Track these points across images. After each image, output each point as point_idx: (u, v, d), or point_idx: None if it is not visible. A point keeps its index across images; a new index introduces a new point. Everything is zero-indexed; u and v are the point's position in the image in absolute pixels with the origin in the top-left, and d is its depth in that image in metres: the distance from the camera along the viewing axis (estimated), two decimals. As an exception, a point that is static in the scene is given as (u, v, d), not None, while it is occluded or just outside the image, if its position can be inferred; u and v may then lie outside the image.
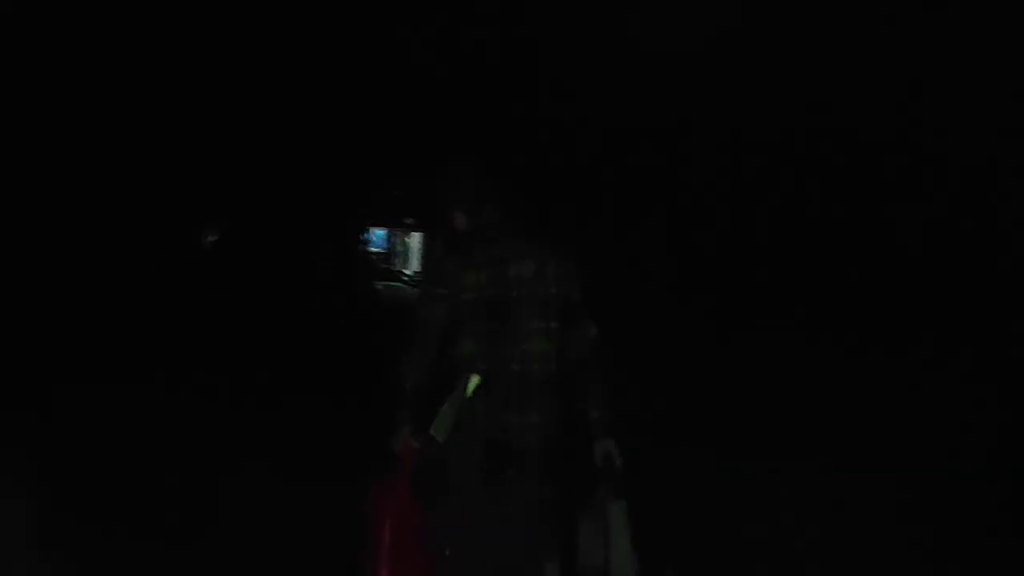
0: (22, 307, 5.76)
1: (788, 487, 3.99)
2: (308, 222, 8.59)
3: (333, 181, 8.31)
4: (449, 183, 2.39)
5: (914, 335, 5.60)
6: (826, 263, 6.10)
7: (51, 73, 5.65)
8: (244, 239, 8.55)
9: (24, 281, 5.88)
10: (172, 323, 6.70)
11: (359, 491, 2.35)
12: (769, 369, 5.58)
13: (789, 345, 5.71)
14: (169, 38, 6.21)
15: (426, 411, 2.25)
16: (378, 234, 8.11)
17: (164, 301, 6.93)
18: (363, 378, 4.32)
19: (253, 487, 3.97)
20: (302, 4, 6.59)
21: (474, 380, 2.20)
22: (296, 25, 6.65)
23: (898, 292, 5.86)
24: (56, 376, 5.18)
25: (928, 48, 5.17)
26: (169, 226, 7.62)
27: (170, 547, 3.33)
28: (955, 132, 5.21)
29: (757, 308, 6.12)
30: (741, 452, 4.51)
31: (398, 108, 7.37)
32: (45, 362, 5.35)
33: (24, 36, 5.30)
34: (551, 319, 2.24)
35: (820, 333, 5.74)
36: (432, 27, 6.49)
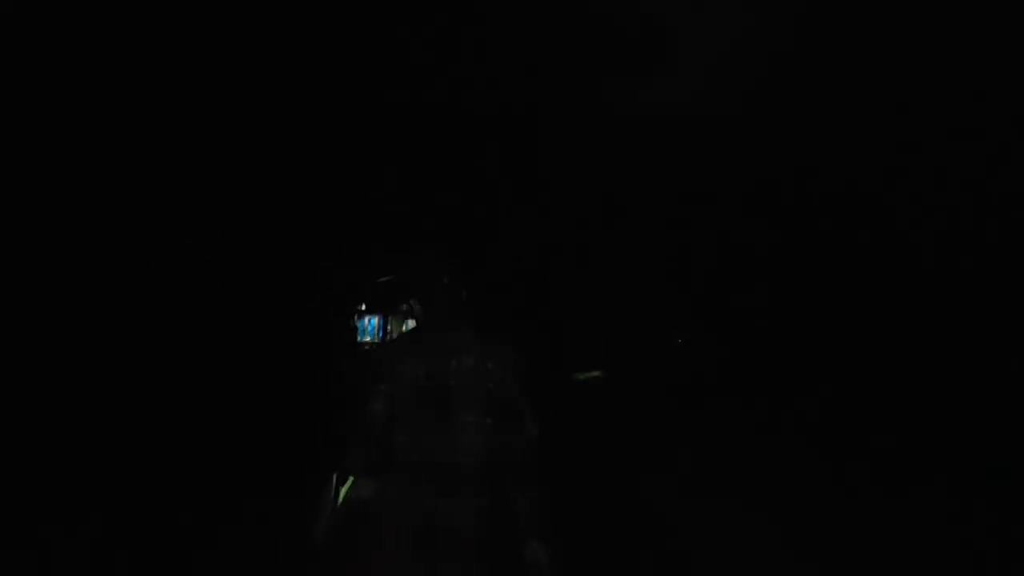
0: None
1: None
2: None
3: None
4: (410, 271, 2.45)
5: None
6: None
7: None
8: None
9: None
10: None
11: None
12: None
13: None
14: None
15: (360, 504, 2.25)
16: (371, 322, 8.03)
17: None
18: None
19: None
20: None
21: (348, 483, 2.23)
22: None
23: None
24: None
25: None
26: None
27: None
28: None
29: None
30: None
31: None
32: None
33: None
34: (488, 414, 2.27)
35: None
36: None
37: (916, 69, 5.74)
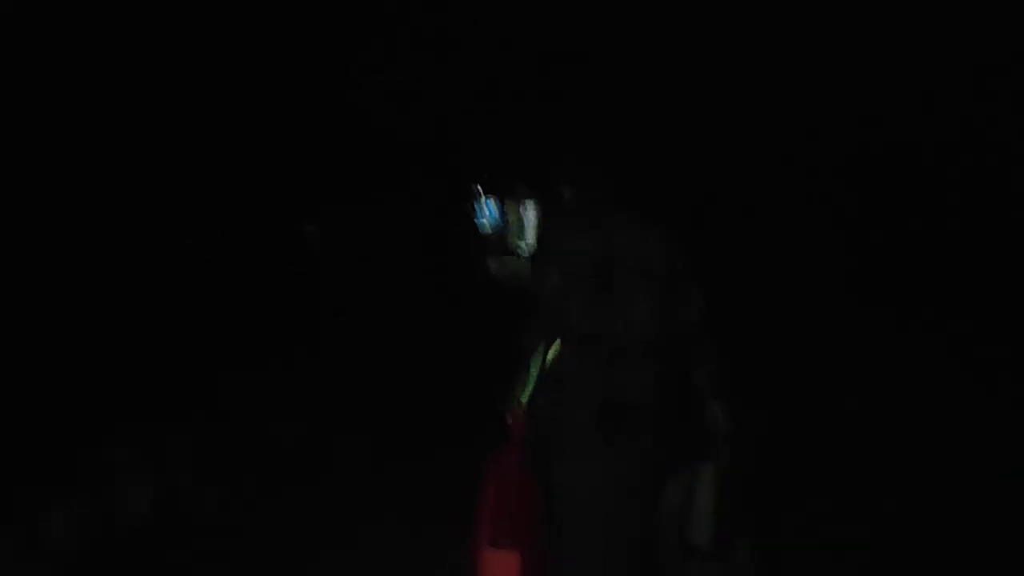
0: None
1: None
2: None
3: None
4: (557, 156, 2.52)
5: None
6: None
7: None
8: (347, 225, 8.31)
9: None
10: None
11: (476, 459, 2.46)
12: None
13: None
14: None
15: (542, 379, 2.36)
16: (490, 206, 7.86)
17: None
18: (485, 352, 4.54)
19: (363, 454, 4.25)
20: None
21: (554, 347, 2.31)
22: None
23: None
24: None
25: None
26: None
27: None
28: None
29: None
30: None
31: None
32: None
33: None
34: (656, 285, 2.29)
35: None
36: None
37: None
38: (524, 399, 2.36)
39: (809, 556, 3.33)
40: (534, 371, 2.35)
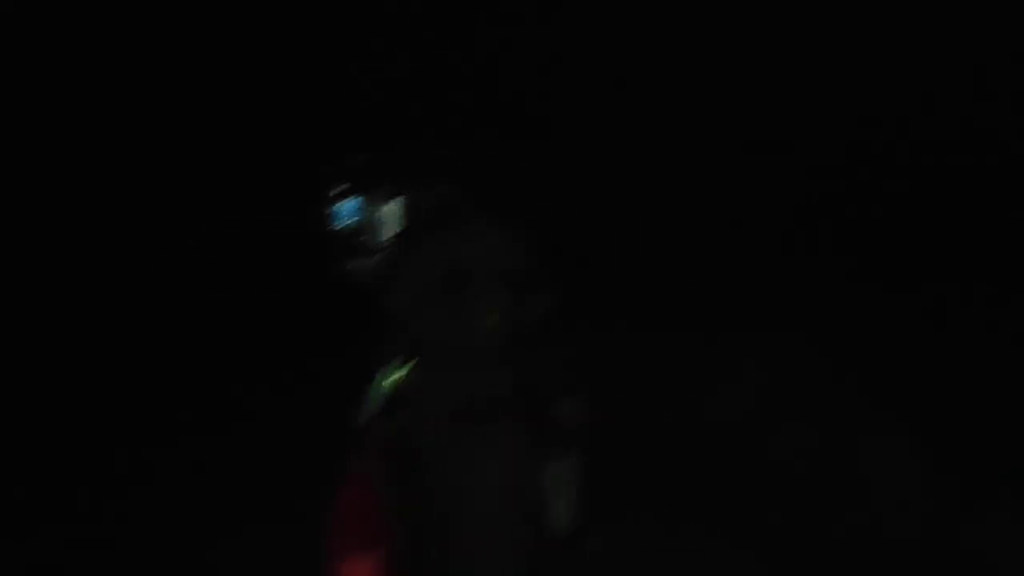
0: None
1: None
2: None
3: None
4: (410, 157, 2.54)
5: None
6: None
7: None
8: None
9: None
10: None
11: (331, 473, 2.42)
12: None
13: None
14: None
15: (396, 390, 2.34)
16: (348, 205, 7.55)
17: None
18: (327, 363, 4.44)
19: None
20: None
21: (406, 357, 2.31)
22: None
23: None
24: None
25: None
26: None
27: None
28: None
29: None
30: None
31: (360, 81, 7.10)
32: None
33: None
34: (509, 289, 2.32)
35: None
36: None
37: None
38: (378, 410, 2.36)
39: (665, 545, 3.42)
40: (386, 382, 2.35)
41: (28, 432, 4.52)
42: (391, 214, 2.43)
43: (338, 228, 2.47)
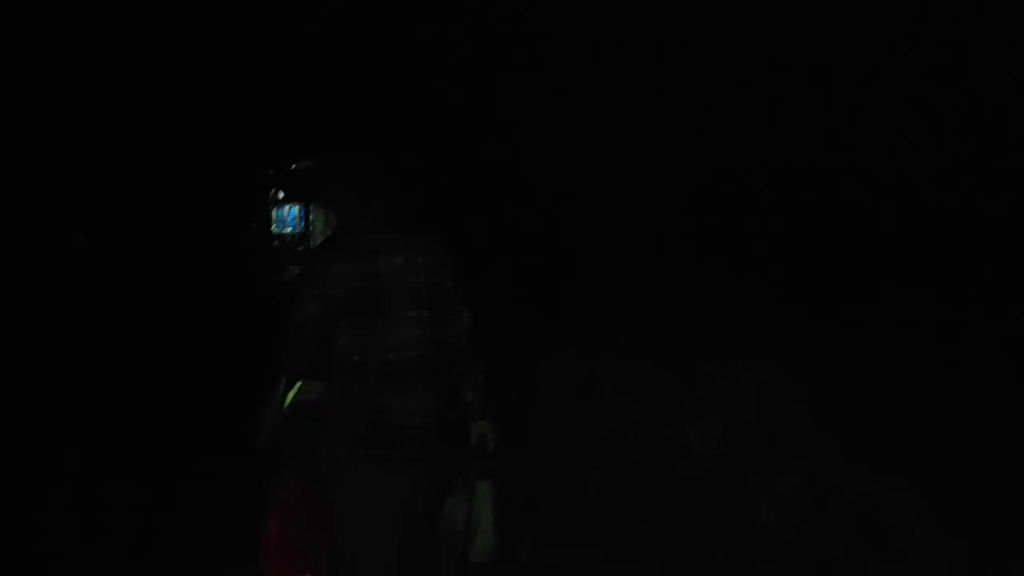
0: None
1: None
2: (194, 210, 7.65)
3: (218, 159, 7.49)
4: (330, 171, 2.48)
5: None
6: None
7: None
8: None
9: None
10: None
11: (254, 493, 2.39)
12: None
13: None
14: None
15: (307, 408, 2.28)
16: (291, 212, 7.50)
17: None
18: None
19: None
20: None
21: (296, 387, 2.26)
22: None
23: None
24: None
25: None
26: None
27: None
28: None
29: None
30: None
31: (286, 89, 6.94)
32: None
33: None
34: (423, 307, 2.29)
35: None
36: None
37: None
38: (286, 429, 2.29)
39: (590, 566, 3.33)
40: (294, 398, 2.28)
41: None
42: (323, 223, 2.43)
43: (276, 235, 2.38)
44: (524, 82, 5.70)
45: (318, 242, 2.45)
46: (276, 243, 8.23)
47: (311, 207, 2.46)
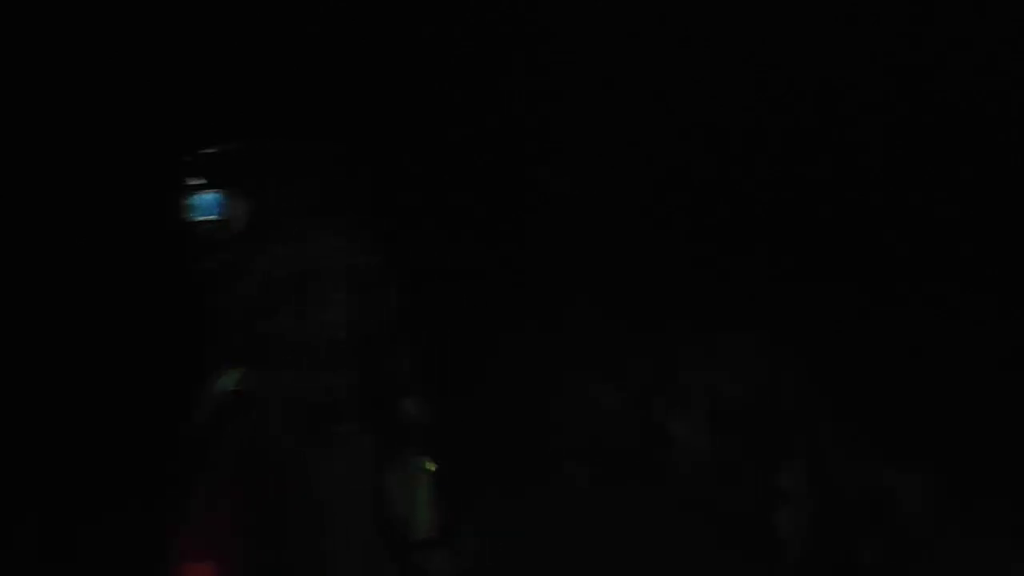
0: None
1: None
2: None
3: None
4: (249, 155, 2.44)
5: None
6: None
7: None
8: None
9: None
10: None
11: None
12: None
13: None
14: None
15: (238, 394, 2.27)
16: (205, 199, 7.04)
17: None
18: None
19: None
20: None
21: (232, 375, 2.25)
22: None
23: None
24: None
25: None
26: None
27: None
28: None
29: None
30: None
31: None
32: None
33: None
34: (352, 289, 2.31)
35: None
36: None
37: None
38: (219, 413, 2.30)
39: (536, 539, 3.37)
40: (227, 384, 2.28)
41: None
42: (244, 209, 2.35)
43: (195, 222, 2.36)
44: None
45: (239, 229, 2.39)
46: (195, 231, 7.77)
47: (230, 193, 2.38)
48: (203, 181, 2.33)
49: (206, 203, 2.31)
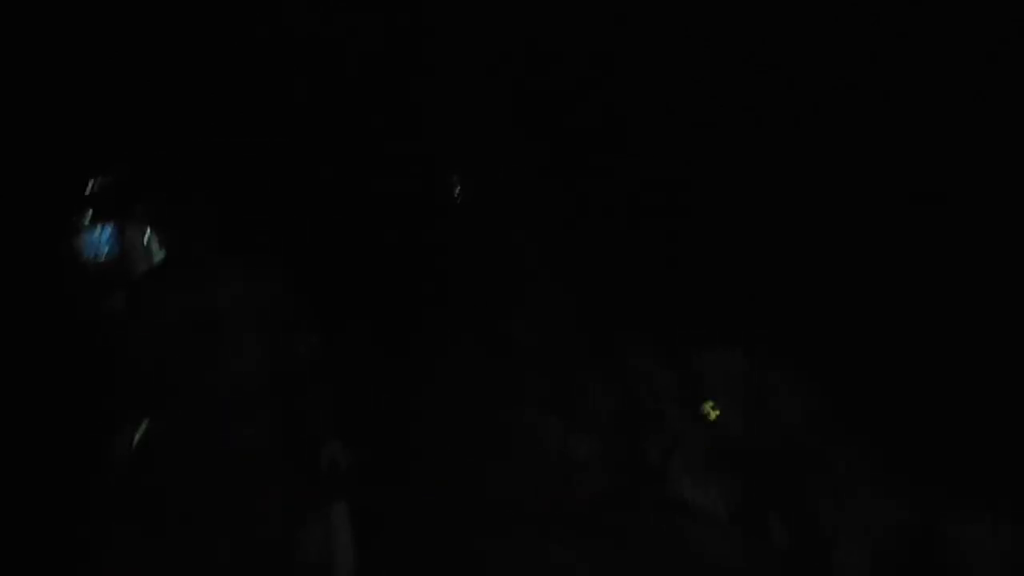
0: None
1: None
2: None
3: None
4: (145, 181, 2.31)
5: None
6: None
7: None
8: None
9: None
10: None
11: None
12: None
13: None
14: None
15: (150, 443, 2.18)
16: (102, 233, 6.55)
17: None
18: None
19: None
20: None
21: (133, 428, 2.15)
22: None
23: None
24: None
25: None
26: None
27: None
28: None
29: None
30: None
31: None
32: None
33: None
34: (265, 331, 2.23)
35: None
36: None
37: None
38: (125, 465, 2.18)
39: None
40: (132, 434, 2.17)
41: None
42: (143, 246, 2.25)
43: (90, 259, 2.22)
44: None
45: (141, 266, 2.29)
46: (90, 270, 7.29)
47: (127, 225, 2.29)
48: (92, 215, 2.18)
49: (98, 238, 2.20)
